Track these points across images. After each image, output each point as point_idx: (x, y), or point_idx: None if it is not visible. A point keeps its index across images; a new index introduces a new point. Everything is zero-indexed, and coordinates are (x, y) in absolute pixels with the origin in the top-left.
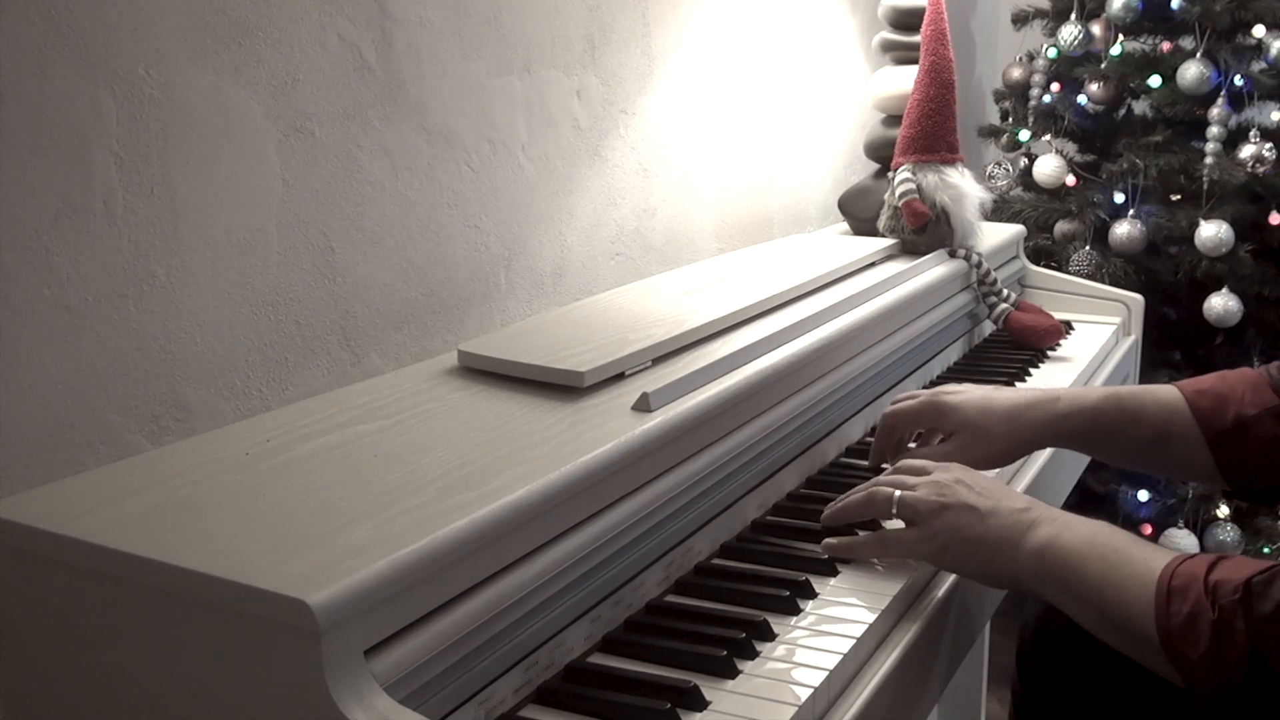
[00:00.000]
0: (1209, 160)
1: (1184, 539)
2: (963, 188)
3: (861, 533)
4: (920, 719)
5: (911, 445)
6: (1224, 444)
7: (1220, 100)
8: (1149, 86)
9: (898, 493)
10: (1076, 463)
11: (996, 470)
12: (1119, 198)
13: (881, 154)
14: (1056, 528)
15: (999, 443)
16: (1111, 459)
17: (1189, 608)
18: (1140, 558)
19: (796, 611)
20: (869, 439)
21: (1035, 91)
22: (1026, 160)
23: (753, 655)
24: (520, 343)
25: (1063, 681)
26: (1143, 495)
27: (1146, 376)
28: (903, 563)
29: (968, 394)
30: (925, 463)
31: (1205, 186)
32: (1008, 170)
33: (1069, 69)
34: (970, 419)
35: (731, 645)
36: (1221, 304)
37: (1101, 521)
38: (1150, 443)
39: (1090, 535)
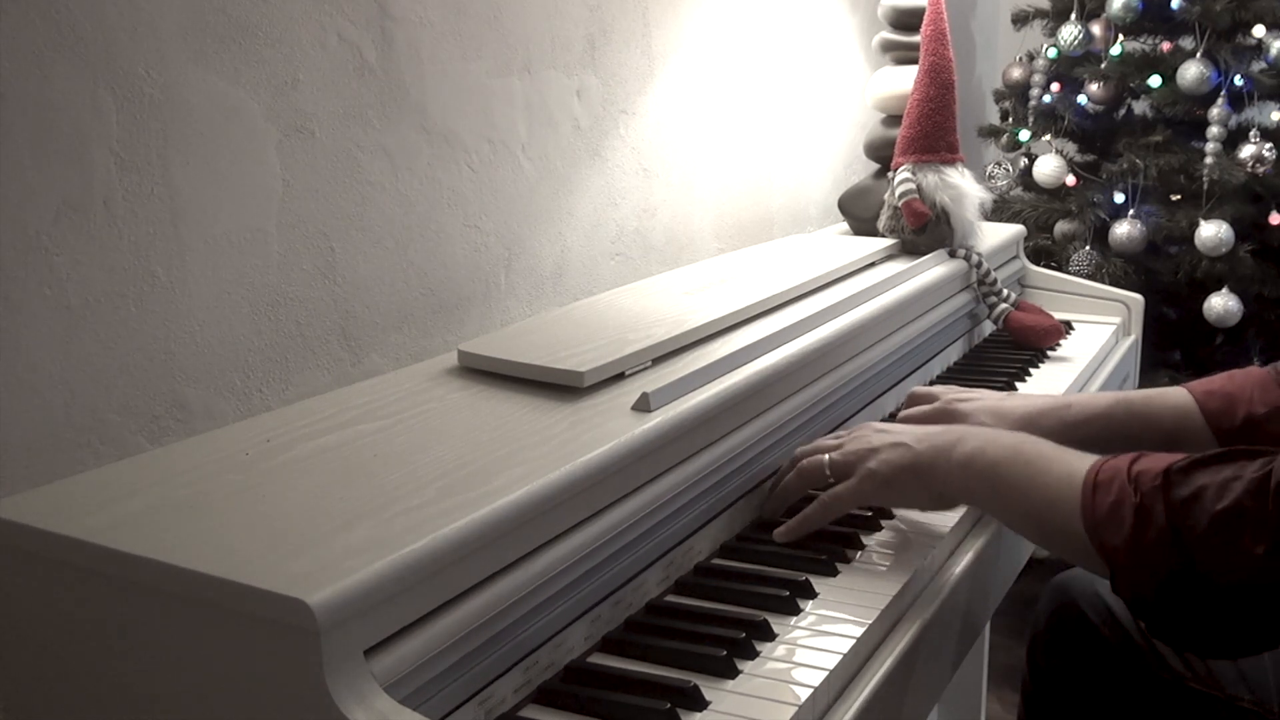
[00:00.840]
0: (1209, 160)
1: None
2: (963, 188)
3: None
4: (920, 719)
5: None
6: (1234, 443)
7: (1220, 100)
8: (1149, 86)
9: (826, 456)
10: None
11: None
12: (1119, 198)
13: (881, 154)
14: (982, 440)
15: None
16: None
17: (1112, 497)
18: (1064, 460)
19: (796, 611)
20: None
21: (1035, 91)
22: (1026, 160)
23: (753, 655)
24: (520, 343)
25: (1073, 676)
26: None
27: (1146, 376)
28: (902, 561)
29: (979, 401)
30: (833, 435)
31: (1205, 186)
32: (1008, 170)
33: (1069, 69)
34: (981, 425)
35: (731, 645)
36: (1221, 304)
37: (1024, 434)
38: (1162, 446)
39: (1015, 444)
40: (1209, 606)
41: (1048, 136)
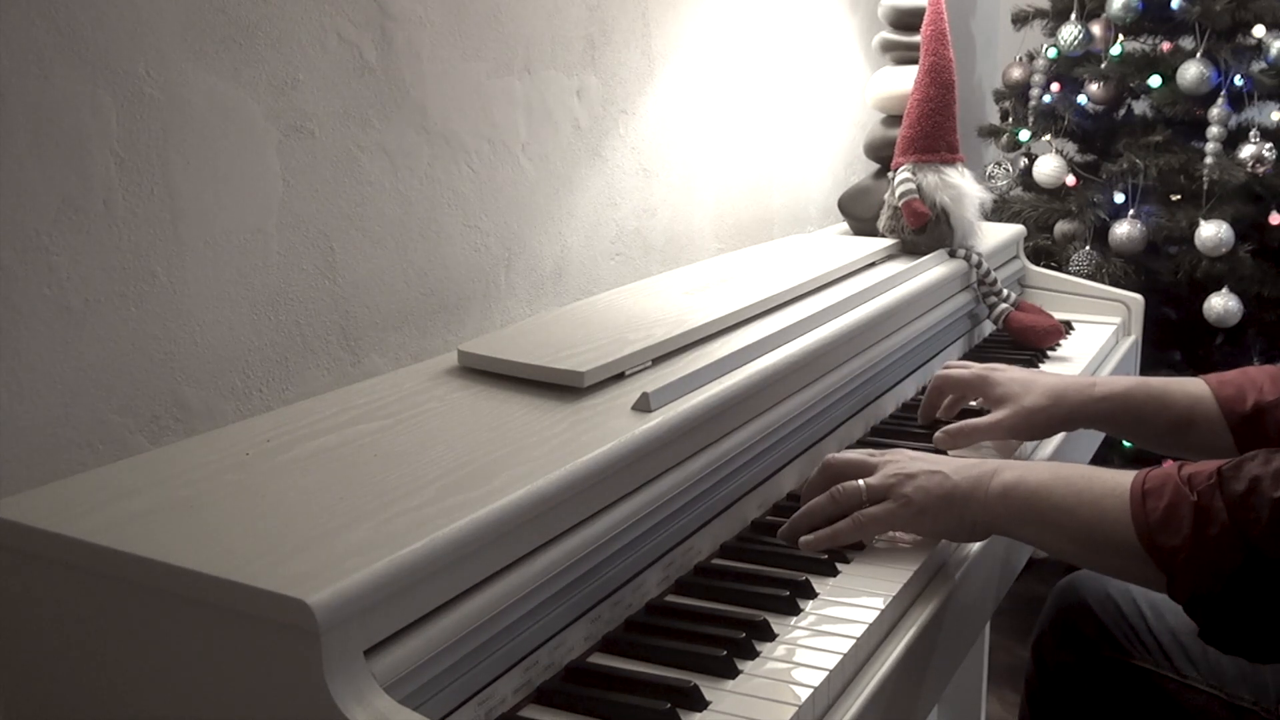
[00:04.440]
0: (1209, 160)
1: None
2: (963, 188)
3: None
4: (920, 719)
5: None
6: (1244, 428)
7: (1220, 100)
8: (1149, 86)
9: (862, 482)
10: (1085, 452)
11: (1033, 445)
12: (1119, 198)
13: (881, 154)
14: (1019, 470)
15: (1039, 415)
16: (1141, 441)
17: (1166, 501)
18: (1107, 477)
19: (796, 611)
20: (870, 438)
21: (1035, 91)
22: (1026, 160)
23: (753, 655)
24: (520, 343)
25: (1078, 675)
26: None
27: (1147, 376)
28: (902, 561)
29: (1012, 372)
30: (872, 450)
31: (1205, 186)
32: (1008, 170)
33: (1069, 69)
34: (1014, 393)
35: (731, 645)
36: (1221, 304)
37: (1057, 461)
38: (1176, 425)
39: (1053, 470)
40: (1273, 603)
41: (1048, 136)
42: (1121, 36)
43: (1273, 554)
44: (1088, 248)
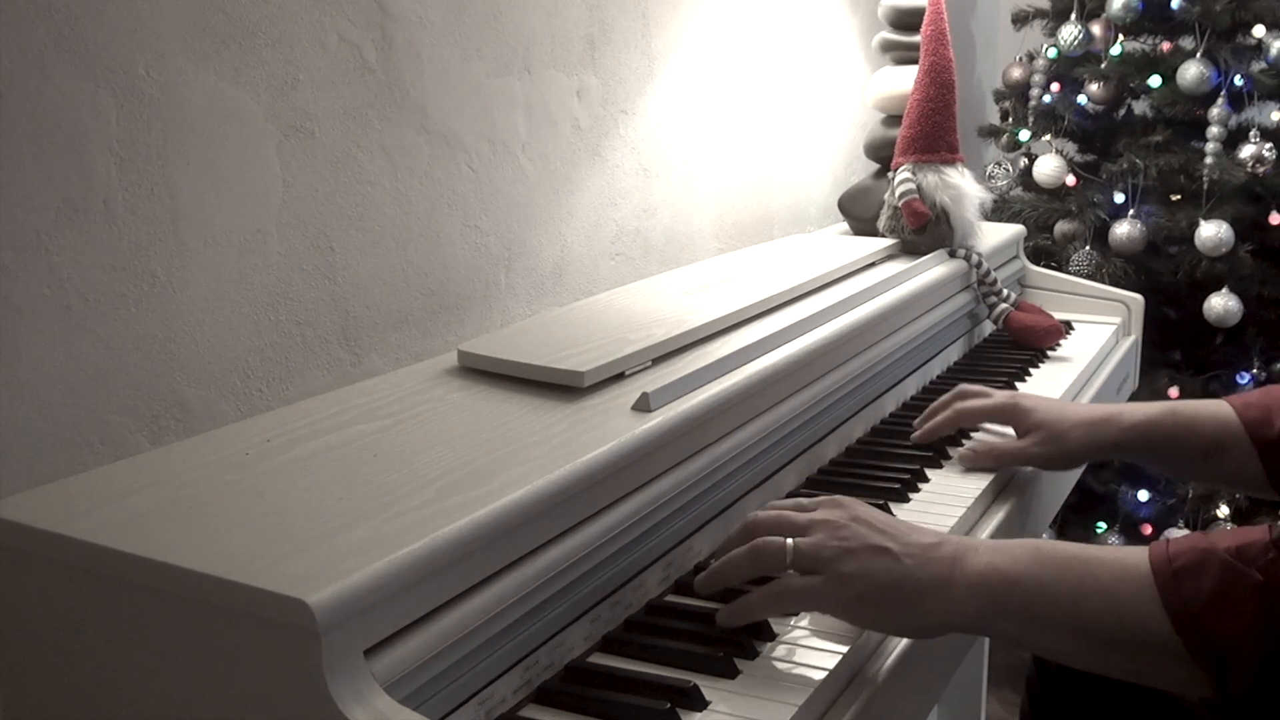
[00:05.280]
0: (1209, 160)
1: None
2: (963, 188)
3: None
4: (920, 719)
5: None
6: (1271, 452)
7: (1220, 100)
8: (1149, 86)
9: (789, 541)
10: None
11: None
12: (1119, 198)
13: (881, 154)
14: (986, 554)
15: (1073, 445)
16: (1171, 470)
17: (1212, 583)
18: (1109, 557)
19: (797, 611)
20: (869, 438)
21: (1035, 91)
22: (1026, 160)
23: (753, 655)
24: (520, 343)
25: (1081, 675)
26: (1143, 495)
27: (1146, 376)
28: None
29: (1041, 399)
30: (803, 501)
31: (1205, 186)
32: (1008, 170)
33: (1069, 69)
34: (1047, 420)
35: (731, 645)
36: (1221, 304)
37: (1022, 539)
38: (1207, 452)
39: (1032, 553)
40: None
41: (1048, 136)
42: (1121, 36)
43: None
44: (1088, 248)
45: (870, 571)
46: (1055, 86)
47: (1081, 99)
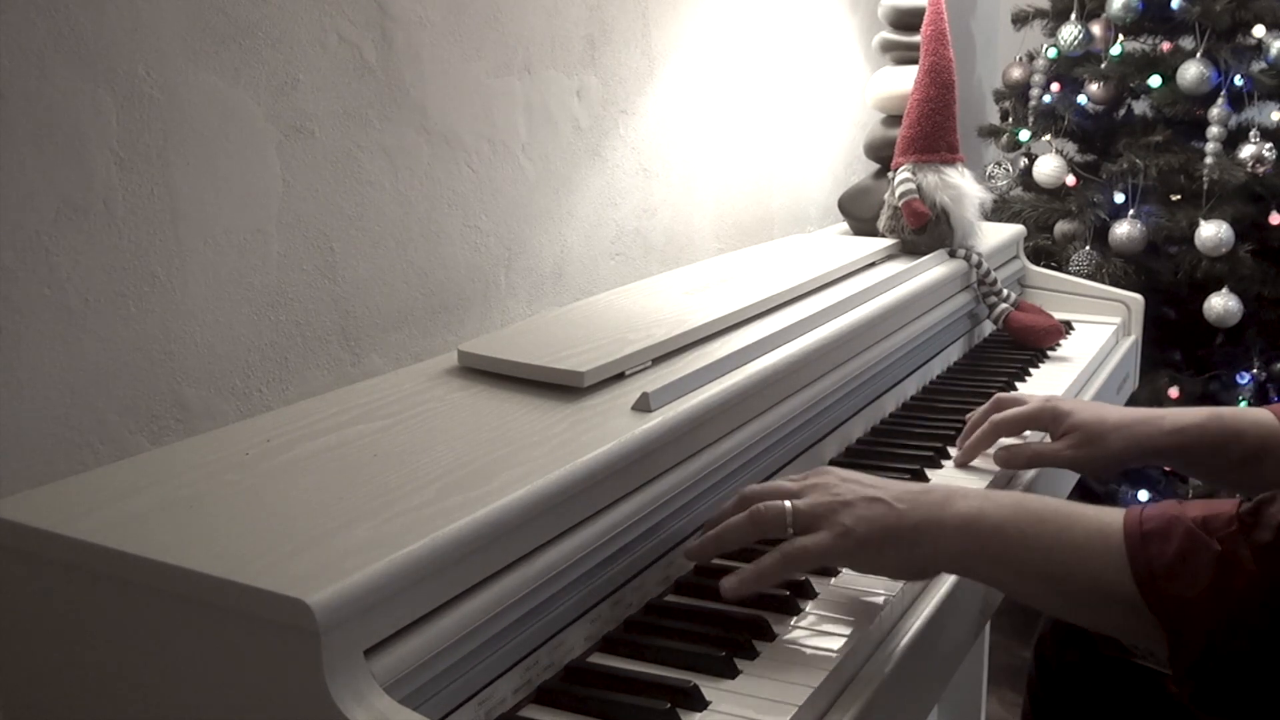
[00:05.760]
0: (1209, 160)
1: None
2: (963, 188)
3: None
4: (920, 719)
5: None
6: None
7: (1220, 100)
8: (1149, 86)
9: (788, 503)
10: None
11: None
12: (1119, 198)
13: (881, 154)
14: (976, 501)
15: (1113, 447)
16: (1208, 475)
17: (1176, 547)
18: (1089, 515)
19: (796, 611)
20: (869, 438)
21: (1035, 91)
22: (1026, 160)
23: (753, 655)
24: (520, 343)
25: (1082, 674)
26: (1143, 495)
27: (1146, 377)
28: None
29: (1079, 402)
30: (791, 476)
31: (1205, 186)
32: (1008, 170)
33: (1069, 69)
34: (1085, 422)
35: (731, 645)
36: (1221, 304)
37: (1015, 491)
38: (1247, 459)
39: (1017, 502)
40: None
41: (1048, 136)
42: (1121, 36)
43: None
44: (1088, 248)
45: (868, 518)
46: (1055, 86)
47: (1081, 99)
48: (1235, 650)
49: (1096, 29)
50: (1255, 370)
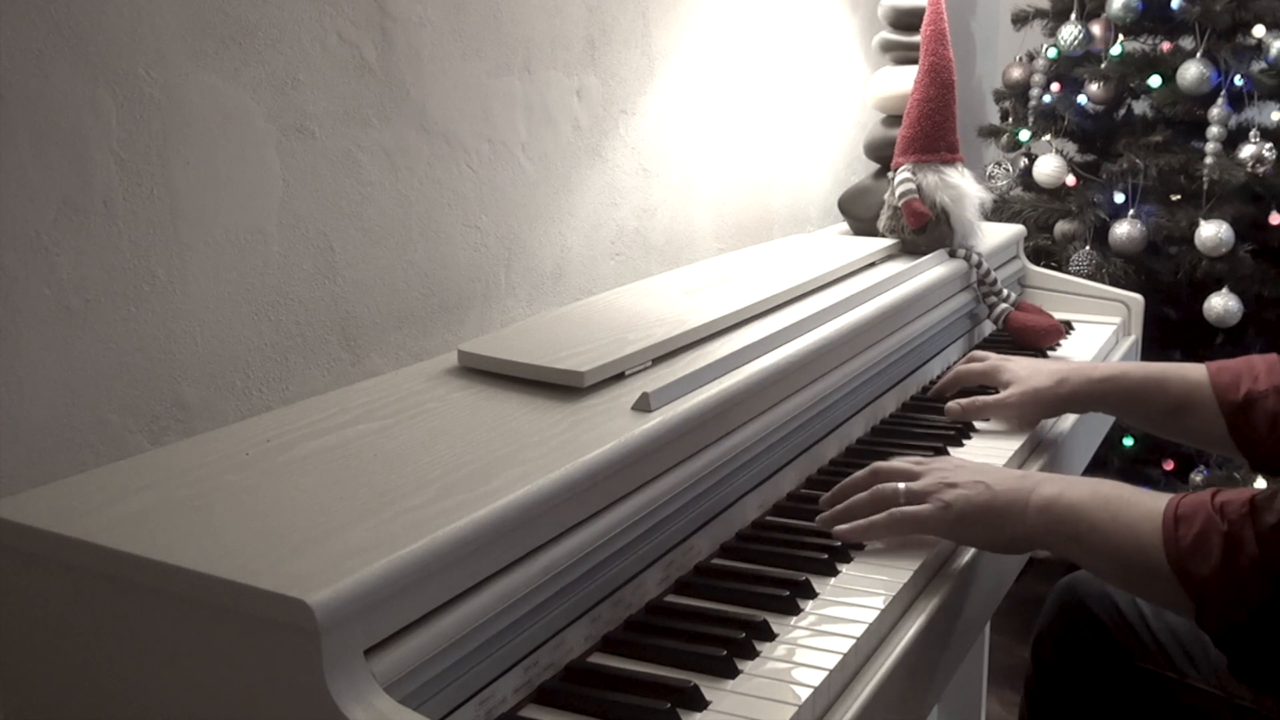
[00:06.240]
0: (1209, 160)
1: None
2: (963, 188)
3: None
4: (920, 719)
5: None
6: (1236, 416)
7: (1220, 100)
8: (1149, 86)
9: (903, 485)
10: (1095, 436)
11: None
12: (1119, 198)
13: (881, 154)
14: (1059, 485)
15: (1044, 395)
16: (1140, 423)
17: (1197, 529)
18: (1143, 500)
19: (796, 611)
20: (869, 438)
21: (1035, 91)
22: (1026, 160)
23: (753, 655)
24: (520, 343)
25: (1078, 673)
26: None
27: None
28: (902, 561)
29: (1020, 360)
30: (914, 460)
31: (1205, 186)
32: (1008, 170)
33: (1069, 69)
34: (1021, 376)
35: (731, 645)
36: (1221, 304)
37: (1097, 478)
38: (1172, 410)
39: (1092, 488)
40: None
41: (1048, 136)
42: (1121, 36)
43: None
44: (1088, 248)
45: (969, 497)
46: (1055, 86)
47: (1081, 99)
48: (1240, 624)
49: (1096, 29)
50: None
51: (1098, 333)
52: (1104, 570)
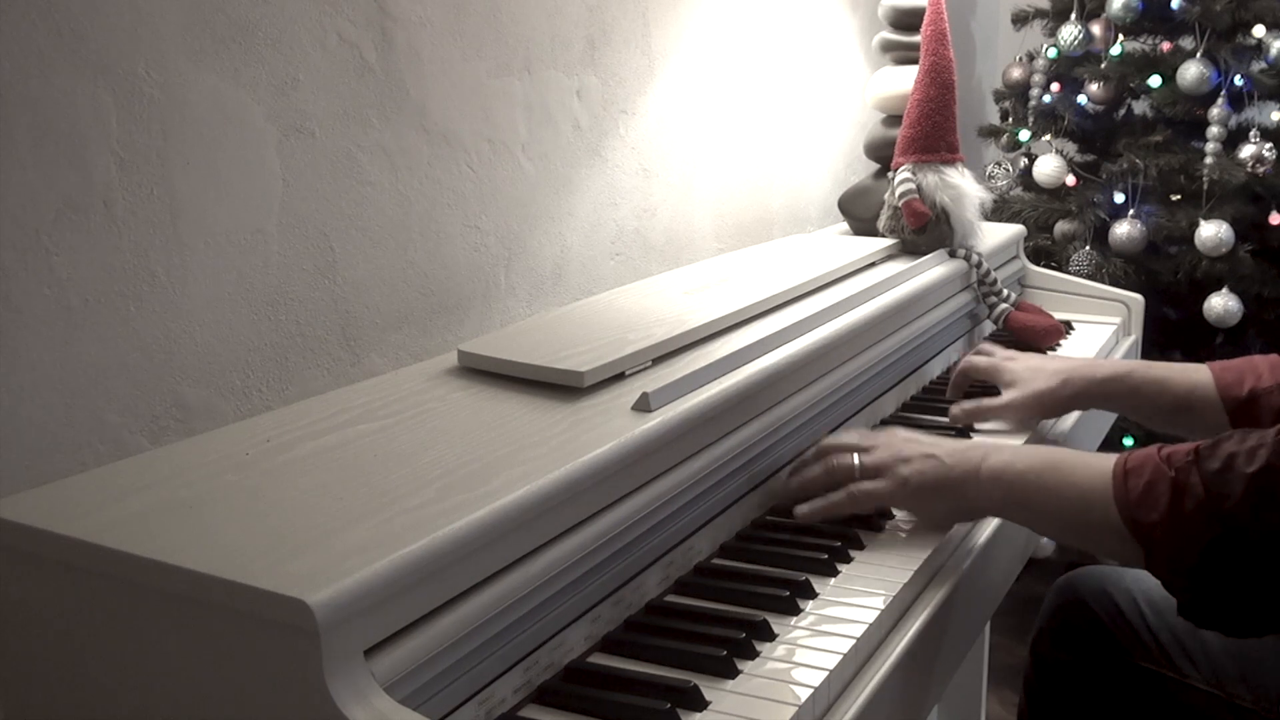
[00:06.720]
0: (1209, 160)
1: None
2: (963, 188)
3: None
4: (920, 719)
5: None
6: (1240, 413)
7: (1220, 100)
8: (1149, 86)
9: (857, 459)
10: (1096, 434)
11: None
12: (1119, 198)
13: (881, 154)
14: (1008, 454)
15: (1046, 397)
16: (1145, 421)
17: (1146, 479)
18: (1092, 461)
19: (796, 611)
20: None
21: (1035, 91)
22: (1026, 160)
23: (753, 655)
24: (520, 343)
25: (1077, 671)
26: None
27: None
28: (902, 561)
29: (1023, 358)
30: (861, 433)
31: (1205, 186)
32: (1008, 170)
33: (1069, 69)
34: (1023, 377)
35: (731, 645)
36: (1221, 304)
37: (1044, 446)
38: (1175, 408)
39: (1042, 455)
40: (1248, 575)
41: (1048, 136)
42: (1121, 36)
43: (1246, 526)
44: (1088, 248)
45: (922, 471)
46: (1055, 86)
47: (1081, 99)
48: (1190, 566)
49: (1096, 29)
50: None
51: (1098, 333)
52: (1056, 531)
